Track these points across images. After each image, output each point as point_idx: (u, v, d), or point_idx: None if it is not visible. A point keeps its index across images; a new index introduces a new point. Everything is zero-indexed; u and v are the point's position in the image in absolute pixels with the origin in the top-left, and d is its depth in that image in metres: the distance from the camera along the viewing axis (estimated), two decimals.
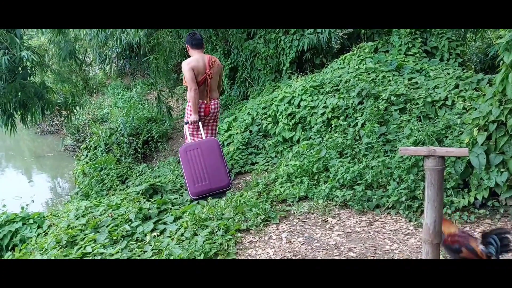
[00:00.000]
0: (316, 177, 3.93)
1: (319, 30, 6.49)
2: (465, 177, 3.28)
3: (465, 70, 5.22)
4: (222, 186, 4.13)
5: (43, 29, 5.18)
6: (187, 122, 4.54)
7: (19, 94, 4.57)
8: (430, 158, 1.81)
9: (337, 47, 7.35)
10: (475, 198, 3.17)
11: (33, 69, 4.89)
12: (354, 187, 3.56)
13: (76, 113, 6.06)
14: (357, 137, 4.30)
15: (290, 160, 4.40)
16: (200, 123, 4.51)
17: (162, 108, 7.19)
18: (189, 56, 4.55)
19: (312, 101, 4.98)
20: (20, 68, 4.65)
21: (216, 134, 4.81)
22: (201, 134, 4.52)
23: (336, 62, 6.12)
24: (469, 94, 4.14)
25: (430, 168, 1.82)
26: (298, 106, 5.08)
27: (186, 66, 4.32)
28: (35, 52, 4.76)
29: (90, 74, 12.55)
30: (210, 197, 3.99)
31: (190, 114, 4.46)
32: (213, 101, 4.55)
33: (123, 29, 6.48)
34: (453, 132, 3.70)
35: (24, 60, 4.63)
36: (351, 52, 6.07)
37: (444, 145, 3.61)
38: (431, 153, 1.81)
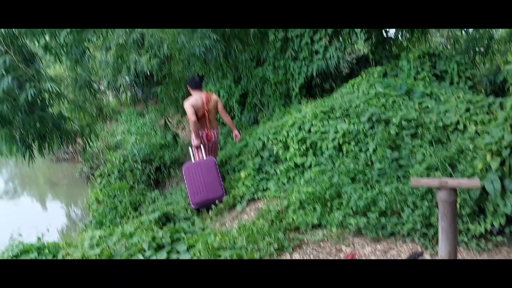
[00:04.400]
0: (329, 204, 3.91)
1: (327, 55, 6.58)
2: (480, 203, 3.24)
3: (475, 93, 5.21)
4: (217, 196, 4.92)
5: (61, 58, 5.35)
6: (191, 146, 5.52)
7: (38, 125, 4.70)
8: (442, 190, 1.82)
9: (346, 71, 7.42)
10: (492, 225, 3.11)
11: (51, 101, 5.03)
12: (368, 214, 3.54)
13: (91, 142, 6.18)
14: (369, 163, 4.29)
15: (302, 186, 4.40)
16: (202, 146, 5.40)
17: (168, 134, 7.31)
18: (190, 95, 5.57)
19: (322, 126, 5.01)
20: (39, 100, 4.80)
21: (216, 156, 5.71)
22: (202, 155, 5.38)
23: (345, 87, 6.16)
24: (481, 118, 4.13)
25: (442, 201, 1.82)
26: (309, 131, 5.10)
27: (187, 104, 5.34)
28: (55, 83, 4.92)
29: (104, 101, 12.82)
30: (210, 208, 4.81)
31: (194, 140, 5.43)
32: (213, 130, 5.56)
33: (136, 59, 6.66)
34: (466, 157, 3.68)
35: (43, 92, 4.79)
36: (360, 77, 6.11)
37: (458, 170, 3.58)
38: (443, 184, 1.81)
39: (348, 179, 4.10)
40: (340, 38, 6.60)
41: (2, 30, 4.68)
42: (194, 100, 5.36)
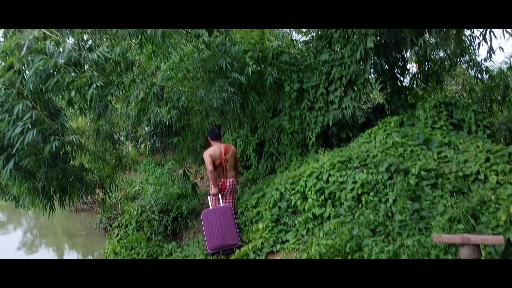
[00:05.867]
0: (349, 257, 3.81)
1: (343, 105, 6.68)
2: (506, 257, 3.12)
3: (494, 142, 5.15)
4: (233, 243, 5.13)
5: (85, 111, 5.57)
6: (210, 194, 5.87)
7: (60, 177, 4.82)
8: (465, 247, 1.77)
9: (362, 120, 7.47)
10: None
11: (73, 153, 5.18)
12: None
13: (111, 193, 6.27)
14: (390, 214, 4.22)
15: (322, 238, 4.32)
16: (219, 194, 5.73)
17: (188, 184, 7.36)
18: (210, 145, 5.97)
19: (340, 176, 4.99)
20: (61, 153, 4.95)
21: (234, 203, 5.93)
22: (220, 203, 5.69)
23: (362, 136, 6.18)
24: (501, 168, 4.06)
25: (466, 258, 1.77)
26: (327, 181, 5.08)
27: (206, 153, 5.77)
28: (78, 135, 5.10)
29: (123, 151, 13.07)
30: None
31: (212, 188, 5.77)
32: (229, 179, 5.82)
33: (157, 111, 6.88)
34: (489, 208, 3.59)
35: (66, 144, 4.95)
36: (376, 126, 6.14)
37: (481, 222, 3.49)
38: (465, 241, 1.77)
39: (368, 231, 4.02)
40: (355, 88, 6.72)
41: (31, 86, 4.91)
42: (212, 150, 5.76)
